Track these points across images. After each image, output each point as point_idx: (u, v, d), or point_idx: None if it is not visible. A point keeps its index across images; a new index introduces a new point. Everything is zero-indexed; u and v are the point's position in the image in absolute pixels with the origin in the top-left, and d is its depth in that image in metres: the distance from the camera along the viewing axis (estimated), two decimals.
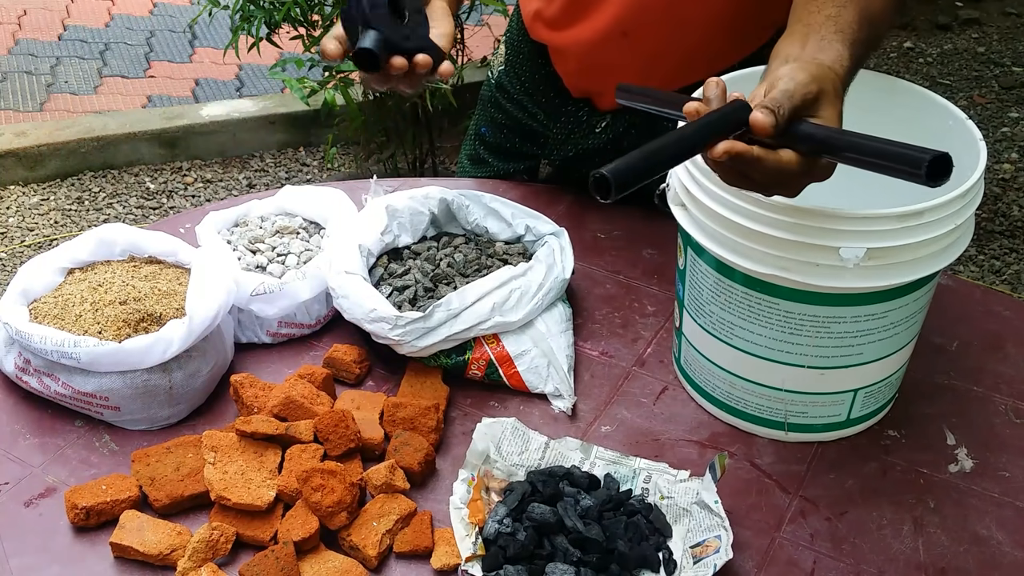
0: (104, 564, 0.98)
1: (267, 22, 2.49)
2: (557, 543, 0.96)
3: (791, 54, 0.93)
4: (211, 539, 0.96)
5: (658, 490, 1.04)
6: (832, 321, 1.02)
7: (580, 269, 1.29)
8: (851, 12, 0.96)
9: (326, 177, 3.24)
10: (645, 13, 1.27)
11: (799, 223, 0.95)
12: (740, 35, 1.30)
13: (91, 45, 3.87)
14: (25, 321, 1.11)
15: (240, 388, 1.10)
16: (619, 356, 1.24)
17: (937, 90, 3.72)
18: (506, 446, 1.07)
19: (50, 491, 1.05)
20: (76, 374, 1.09)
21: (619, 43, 1.31)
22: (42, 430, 1.12)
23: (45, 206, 3.05)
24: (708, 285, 1.07)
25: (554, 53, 1.42)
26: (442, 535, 1.00)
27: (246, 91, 3.64)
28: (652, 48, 1.31)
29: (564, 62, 1.41)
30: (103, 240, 1.22)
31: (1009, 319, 1.30)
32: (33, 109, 3.46)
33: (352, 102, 2.59)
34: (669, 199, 1.08)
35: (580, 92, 1.42)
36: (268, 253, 1.28)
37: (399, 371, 1.19)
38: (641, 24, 1.29)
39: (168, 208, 3.07)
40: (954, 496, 1.06)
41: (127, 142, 3.22)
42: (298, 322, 1.23)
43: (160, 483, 1.03)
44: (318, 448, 1.04)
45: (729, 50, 1.29)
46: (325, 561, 0.97)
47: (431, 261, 1.25)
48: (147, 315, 1.13)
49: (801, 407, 1.09)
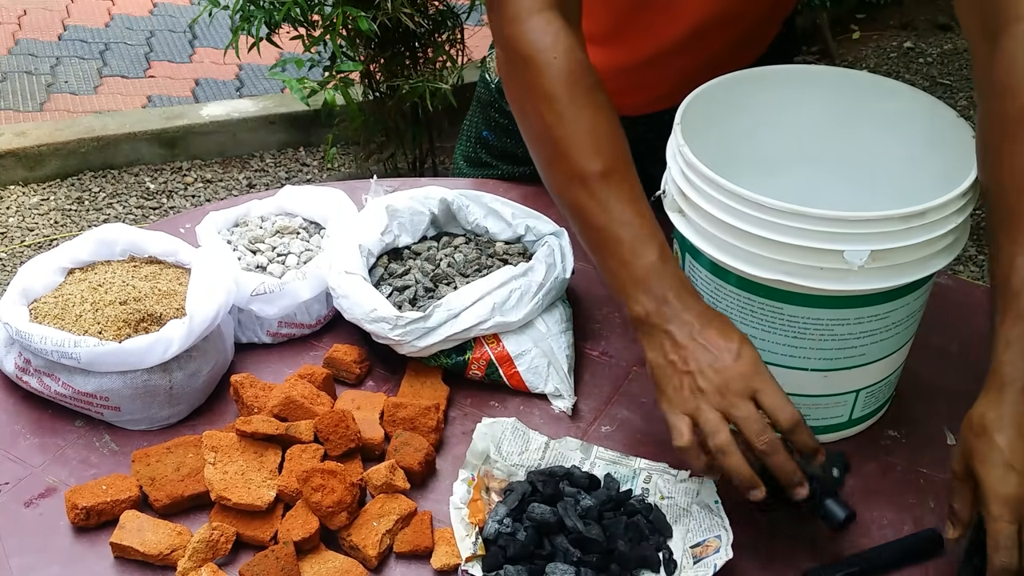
0: (104, 564, 0.98)
1: (267, 22, 2.49)
2: (557, 543, 0.96)
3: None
4: (211, 539, 0.96)
5: (658, 490, 1.04)
6: (836, 324, 1.01)
7: (580, 269, 1.28)
8: None
9: (326, 177, 3.24)
10: (705, 28, 1.22)
11: (802, 227, 0.94)
12: (759, 37, 1.29)
13: (91, 45, 3.87)
14: (25, 321, 1.11)
15: (240, 388, 1.10)
16: (619, 356, 1.24)
17: (937, 90, 3.72)
18: (506, 446, 1.07)
19: (50, 491, 1.05)
20: (76, 374, 1.09)
21: (654, 66, 1.28)
22: (42, 430, 1.12)
23: (45, 206, 3.05)
24: (707, 290, 1.07)
25: None
26: (442, 535, 1.00)
27: (246, 91, 3.64)
28: (679, 71, 1.28)
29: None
30: (103, 240, 1.22)
31: None
32: (33, 109, 3.46)
33: (352, 102, 2.59)
34: (666, 205, 1.08)
35: None
36: (268, 253, 1.28)
37: (399, 371, 1.19)
38: (681, 48, 1.25)
39: (168, 208, 3.07)
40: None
41: (127, 142, 3.22)
42: (298, 322, 1.23)
43: (160, 483, 1.03)
44: (318, 448, 1.04)
45: (746, 54, 1.28)
46: (325, 561, 0.97)
47: (431, 261, 1.25)
48: (147, 315, 1.13)
49: (805, 410, 1.09)
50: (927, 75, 3.90)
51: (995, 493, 0.85)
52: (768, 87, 1.18)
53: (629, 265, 0.98)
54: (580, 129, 1.02)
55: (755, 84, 1.17)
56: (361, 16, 2.36)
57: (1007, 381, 0.88)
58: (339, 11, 2.39)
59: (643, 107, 1.37)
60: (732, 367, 0.93)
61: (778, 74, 1.19)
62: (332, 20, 2.41)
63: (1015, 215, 0.89)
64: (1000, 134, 0.91)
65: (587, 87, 1.04)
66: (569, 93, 1.03)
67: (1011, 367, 0.87)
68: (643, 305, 0.97)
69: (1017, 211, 0.89)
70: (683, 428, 0.93)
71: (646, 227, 0.99)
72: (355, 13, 2.36)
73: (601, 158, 1.02)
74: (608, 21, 1.26)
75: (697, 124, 1.08)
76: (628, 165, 1.03)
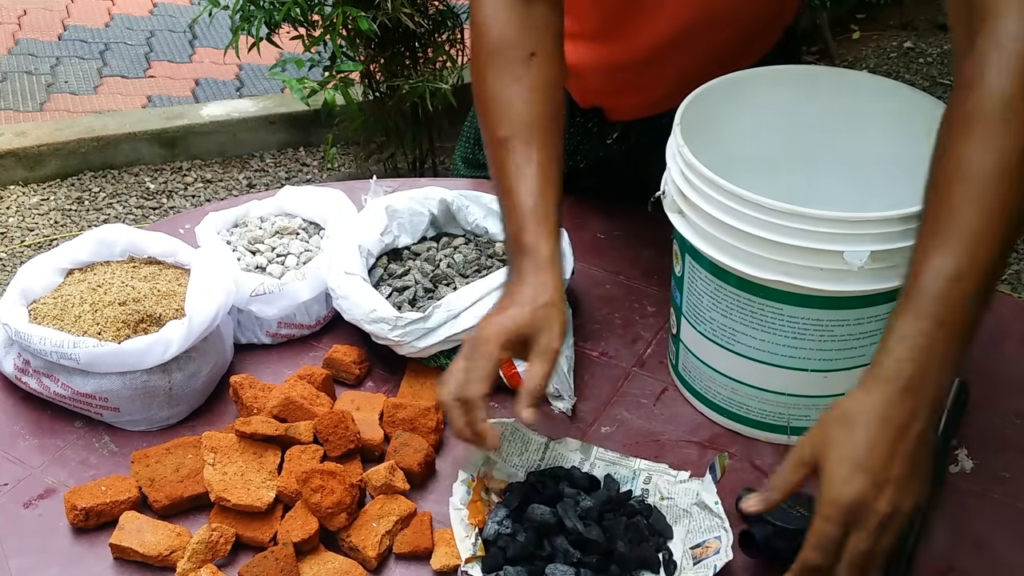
0: (103, 565, 0.98)
1: (267, 22, 2.48)
2: (557, 544, 0.96)
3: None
4: (211, 540, 0.96)
5: (658, 491, 1.04)
6: (835, 324, 1.01)
7: (580, 269, 1.28)
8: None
9: (326, 177, 3.24)
10: (693, 27, 1.22)
11: (802, 228, 0.94)
12: (756, 42, 1.28)
13: (91, 45, 3.87)
14: (24, 322, 1.11)
15: (240, 389, 1.10)
16: (619, 357, 1.23)
17: (937, 90, 3.71)
18: (506, 447, 1.07)
19: (49, 492, 1.05)
20: (75, 375, 1.09)
21: (652, 64, 1.28)
22: (41, 431, 1.12)
23: (45, 206, 3.04)
24: (708, 292, 1.07)
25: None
26: (442, 536, 1.00)
27: (246, 91, 3.64)
28: (677, 70, 1.27)
29: (581, 80, 1.36)
30: (103, 241, 1.22)
31: (1009, 319, 1.30)
32: (33, 109, 3.46)
33: (352, 102, 2.59)
34: (666, 206, 1.08)
35: (589, 104, 1.40)
36: (268, 254, 1.28)
37: (399, 372, 1.19)
38: (675, 47, 1.24)
39: (168, 208, 3.07)
40: (954, 496, 1.06)
41: (127, 142, 3.21)
42: (298, 323, 1.23)
43: (160, 484, 1.03)
44: (318, 449, 1.04)
45: (749, 54, 1.27)
46: (325, 562, 0.97)
47: (431, 262, 1.25)
48: (147, 316, 1.13)
49: (804, 410, 1.09)
50: (927, 75, 3.90)
51: (836, 492, 0.81)
52: (768, 87, 1.18)
53: (508, 231, 1.07)
54: (492, 95, 1.09)
55: (755, 84, 1.17)
56: (361, 16, 2.36)
57: (890, 377, 0.83)
58: (339, 11, 2.38)
59: (640, 111, 1.37)
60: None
61: (778, 74, 1.19)
62: (332, 20, 2.41)
63: (939, 210, 0.86)
64: (947, 127, 0.89)
65: (511, 59, 1.09)
66: (492, 61, 1.10)
67: (897, 364, 0.83)
68: (508, 272, 1.06)
69: (942, 206, 0.86)
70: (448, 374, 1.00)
71: (524, 200, 1.05)
72: (355, 13, 2.36)
73: (504, 126, 1.08)
74: (598, 17, 1.27)
75: (697, 124, 1.08)
76: (530, 134, 1.07)
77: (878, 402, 0.83)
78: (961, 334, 0.84)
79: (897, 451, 0.82)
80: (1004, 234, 0.84)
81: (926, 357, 0.83)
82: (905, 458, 0.82)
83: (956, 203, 0.85)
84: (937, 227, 0.85)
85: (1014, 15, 0.86)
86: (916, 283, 0.84)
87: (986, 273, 0.84)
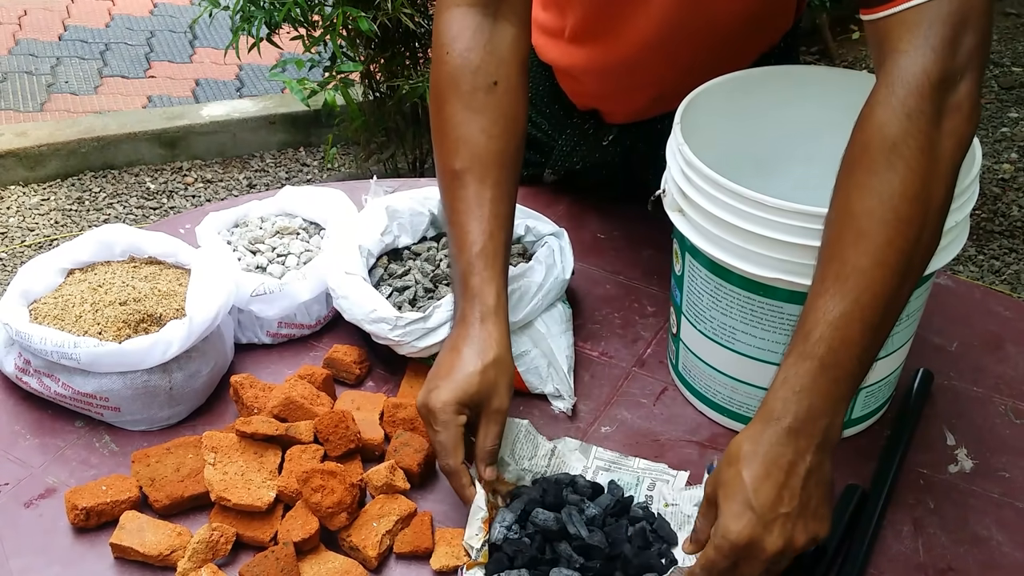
0: (104, 565, 0.98)
1: (267, 22, 2.49)
2: (561, 550, 0.96)
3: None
4: (211, 540, 0.96)
5: (662, 497, 1.04)
6: None
7: (580, 269, 1.29)
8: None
9: (326, 177, 3.24)
10: (673, 31, 1.21)
11: (802, 225, 0.94)
12: (753, 45, 1.28)
13: (91, 45, 3.87)
14: (25, 322, 1.11)
15: (240, 389, 1.10)
16: (619, 357, 1.24)
17: None
18: (518, 448, 1.07)
19: (50, 492, 1.05)
20: (76, 375, 1.09)
21: (642, 64, 1.27)
22: (42, 431, 1.12)
23: (45, 206, 3.05)
24: (708, 290, 1.07)
25: (561, 74, 1.37)
26: (442, 536, 1.00)
27: (246, 91, 3.64)
28: (665, 73, 1.26)
29: (576, 83, 1.36)
30: (103, 241, 1.22)
31: (1009, 319, 1.30)
32: (33, 109, 3.46)
33: (352, 102, 2.59)
34: (666, 205, 1.08)
35: (586, 106, 1.40)
36: (268, 254, 1.28)
37: (399, 371, 1.19)
38: (662, 47, 1.23)
39: (168, 208, 3.07)
40: (954, 496, 1.06)
41: (127, 142, 3.22)
42: (298, 323, 1.23)
43: (160, 484, 1.03)
44: (318, 449, 1.04)
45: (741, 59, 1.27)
46: (325, 562, 0.97)
47: (431, 261, 1.25)
48: (147, 316, 1.13)
49: None
50: None
51: (726, 528, 0.84)
52: (767, 87, 1.18)
53: (455, 267, 1.06)
54: (451, 124, 1.07)
55: (754, 84, 1.17)
56: (361, 16, 2.36)
57: (774, 417, 0.85)
58: (339, 11, 2.38)
59: (635, 115, 1.36)
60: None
61: (778, 74, 1.19)
62: (332, 20, 2.41)
63: (828, 251, 0.87)
64: (842, 164, 0.88)
65: (473, 86, 1.06)
66: (453, 86, 1.07)
67: (782, 404, 0.85)
68: (454, 310, 1.06)
69: (831, 247, 0.87)
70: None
71: (474, 239, 1.04)
72: (355, 13, 2.36)
73: (460, 158, 1.06)
74: (584, 16, 1.26)
75: (697, 124, 1.08)
76: (485, 170, 1.06)
77: (764, 442, 0.85)
78: (847, 375, 0.85)
79: (785, 490, 0.84)
80: (893, 275, 0.85)
81: (809, 398, 0.85)
82: (793, 496, 0.84)
83: (844, 244, 0.86)
84: (826, 269, 0.87)
85: (911, 51, 0.85)
86: (803, 326, 0.86)
87: (874, 314, 0.85)
